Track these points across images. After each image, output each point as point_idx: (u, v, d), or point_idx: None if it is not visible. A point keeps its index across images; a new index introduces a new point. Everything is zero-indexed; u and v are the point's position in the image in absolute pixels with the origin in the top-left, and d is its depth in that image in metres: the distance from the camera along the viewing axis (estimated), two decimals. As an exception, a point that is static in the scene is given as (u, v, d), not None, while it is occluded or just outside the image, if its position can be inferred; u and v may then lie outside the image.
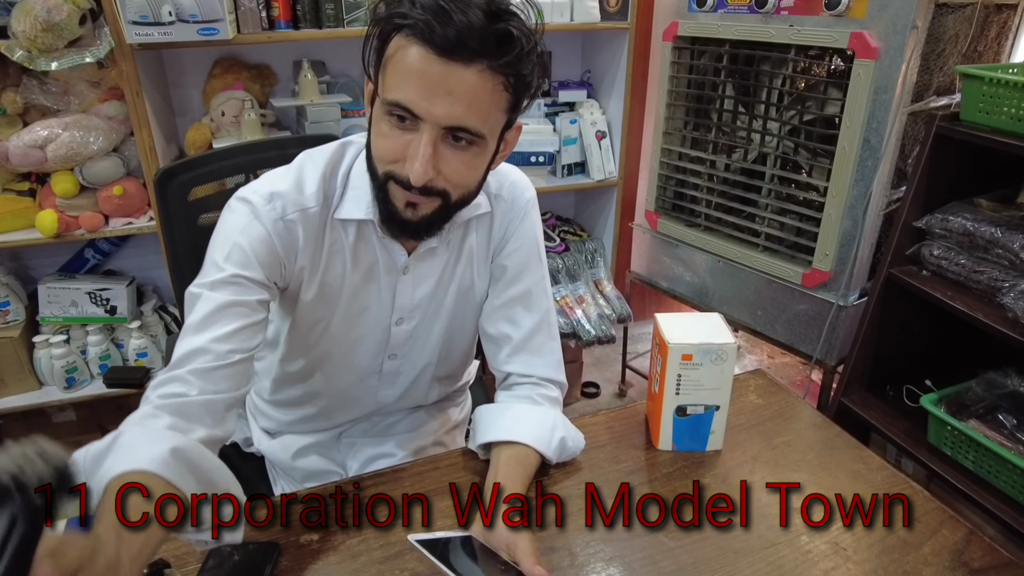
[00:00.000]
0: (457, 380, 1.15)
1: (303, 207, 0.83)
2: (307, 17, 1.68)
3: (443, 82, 0.69)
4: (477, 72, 0.69)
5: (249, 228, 0.81)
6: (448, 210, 0.80)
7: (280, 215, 0.82)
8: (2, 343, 1.79)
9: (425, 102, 0.70)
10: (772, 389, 1.09)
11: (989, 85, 1.31)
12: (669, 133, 1.98)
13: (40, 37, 1.41)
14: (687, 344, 0.86)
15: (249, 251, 0.80)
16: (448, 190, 0.77)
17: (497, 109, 0.74)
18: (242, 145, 1.55)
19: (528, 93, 0.77)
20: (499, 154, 0.83)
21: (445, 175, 0.75)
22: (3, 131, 1.62)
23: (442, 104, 0.70)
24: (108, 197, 1.71)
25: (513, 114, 0.78)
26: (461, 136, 0.73)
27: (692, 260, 2.02)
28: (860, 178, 1.56)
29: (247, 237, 0.81)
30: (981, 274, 1.40)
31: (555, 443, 0.88)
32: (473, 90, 0.70)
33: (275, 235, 0.82)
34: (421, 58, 0.69)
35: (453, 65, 0.69)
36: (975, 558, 0.77)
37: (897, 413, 1.63)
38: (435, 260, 0.92)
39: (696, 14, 1.80)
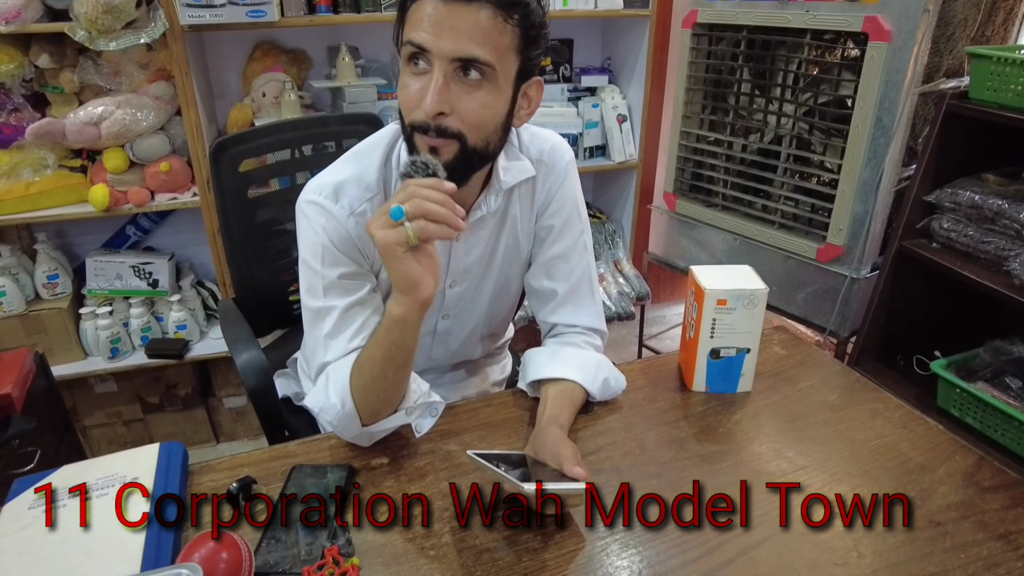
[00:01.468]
0: (500, 337, 1.24)
1: (368, 197, 0.90)
2: (346, 2, 1.76)
3: (448, 19, 0.74)
4: (480, 8, 0.74)
5: (328, 227, 0.89)
6: (468, 156, 0.81)
7: (350, 211, 0.89)
8: (52, 314, 1.87)
9: (432, 36, 0.75)
10: (794, 342, 1.17)
11: (997, 64, 1.39)
12: (688, 117, 2.06)
13: (100, 19, 1.49)
14: (722, 290, 0.95)
15: (337, 249, 0.89)
16: (463, 131, 0.79)
17: (503, 44, 0.77)
18: (288, 122, 1.63)
19: (535, 29, 0.79)
20: (522, 110, 0.86)
21: (459, 113, 0.78)
22: (60, 109, 1.71)
23: (448, 37, 0.74)
24: (155, 173, 1.79)
25: (526, 56, 0.81)
26: (471, 69, 0.76)
27: (709, 240, 2.10)
28: (872, 156, 1.63)
29: (329, 237, 0.89)
30: (988, 244, 1.48)
31: (599, 381, 0.97)
32: (477, 23, 0.75)
33: (351, 230, 0.89)
34: (431, 5, 0.75)
35: (457, 4, 0.74)
36: (985, 478, 0.85)
37: (908, 381, 1.71)
38: (484, 226, 0.98)
39: (714, 2, 1.88)
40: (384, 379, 0.82)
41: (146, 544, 0.71)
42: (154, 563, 0.70)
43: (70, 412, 1.97)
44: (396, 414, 0.86)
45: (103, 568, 0.69)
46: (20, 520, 0.76)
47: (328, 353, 0.89)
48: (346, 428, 0.86)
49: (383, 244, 0.73)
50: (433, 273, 0.76)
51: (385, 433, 0.89)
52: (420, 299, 0.76)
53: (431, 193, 0.72)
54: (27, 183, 1.70)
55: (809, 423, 0.96)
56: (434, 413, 0.91)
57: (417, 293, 0.76)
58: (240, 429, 2.25)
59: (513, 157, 0.96)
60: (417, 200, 0.71)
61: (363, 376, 0.83)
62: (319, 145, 1.52)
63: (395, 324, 0.78)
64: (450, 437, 0.93)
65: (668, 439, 0.93)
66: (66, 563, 0.70)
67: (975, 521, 0.78)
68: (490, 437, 0.93)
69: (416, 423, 0.89)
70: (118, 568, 0.69)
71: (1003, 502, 0.81)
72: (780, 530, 0.77)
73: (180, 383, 2.12)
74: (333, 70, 1.94)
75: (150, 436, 2.16)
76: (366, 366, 0.83)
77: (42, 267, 1.88)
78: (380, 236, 0.73)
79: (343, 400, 0.84)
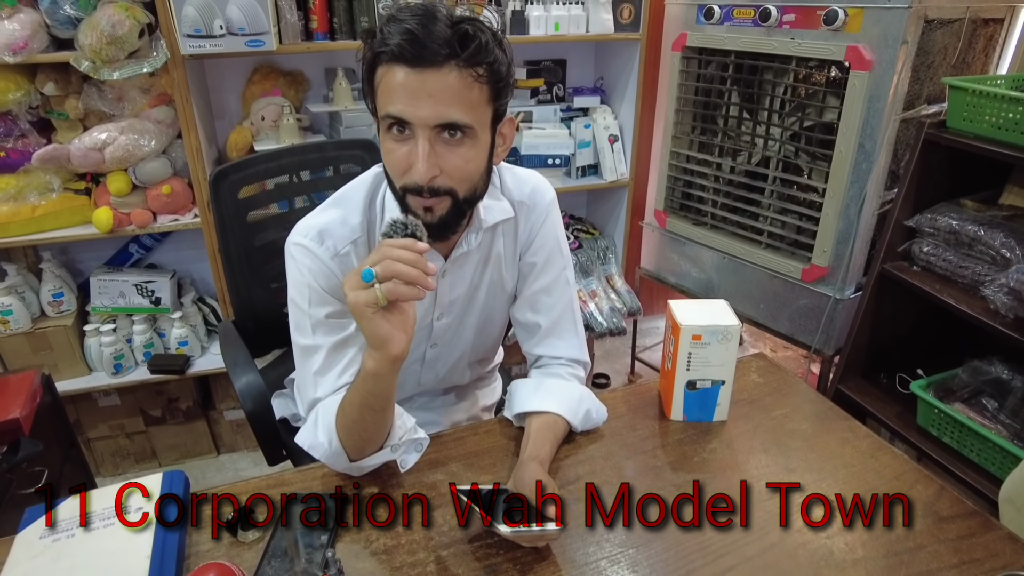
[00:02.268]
0: (489, 362, 1.29)
1: (351, 239, 0.95)
2: (343, 29, 1.81)
3: (422, 88, 0.78)
4: (449, 72, 0.78)
5: (314, 269, 0.93)
6: (460, 207, 0.87)
7: (334, 252, 0.94)
8: (57, 331, 1.93)
9: (411, 108, 0.79)
10: (771, 370, 1.22)
11: (972, 96, 1.44)
12: (678, 137, 2.11)
13: (104, 49, 1.54)
14: (697, 325, 0.99)
15: (323, 290, 0.93)
16: (454, 187, 0.84)
17: (477, 101, 0.82)
18: (285, 148, 1.68)
19: (502, 80, 0.83)
20: (499, 147, 0.91)
21: (447, 172, 0.83)
22: (65, 134, 1.75)
23: (425, 105, 0.79)
24: (157, 195, 1.84)
25: (498, 104, 0.85)
26: (452, 131, 0.81)
27: (699, 257, 2.15)
28: (855, 180, 1.68)
29: (315, 278, 0.93)
30: (966, 269, 1.52)
31: (581, 413, 1.01)
32: (450, 87, 0.79)
33: (335, 271, 0.94)
34: (401, 74, 0.78)
35: (427, 72, 0.78)
36: (944, 508, 0.90)
37: (890, 399, 1.75)
38: (467, 263, 1.03)
39: (704, 26, 1.93)
40: (363, 422, 0.86)
41: (150, 574, 0.76)
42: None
43: (74, 425, 2.02)
44: (382, 451, 0.91)
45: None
46: (32, 548, 0.81)
47: (318, 389, 0.94)
48: (335, 463, 0.91)
49: (353, 304, 0.76)
50: (405, 330, 0.79)
51: (373, 467, 0.93)
52: (390, 355, 0.78)
53: (403, 254, 0.74)
54: (33, 206, 1.75)
55: (781, 451, 1.01)
56: (419, 448, 0.95)
57: (387, 349, 0.78)
58: (240, 440, 2.30)
59: (494, 197, 1.01)
60: (388, 262, 0.74)
61: (346, 417, 0.88)
62: (317, 170, 1.57)
63: (369, 377, 0.81)
64: (436, 467, 0.97)
65: (645, 467, 0.97)
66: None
67: (931, 551, 0.83)
68: (476, 466, 0.98)
69: (401, 459, 0.93)
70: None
71: (959, 531, 0.86)
72: (747, 550, 0.82)
73: (182, 396, 2.17)
74: (330, 92, 1.99)
75: (152, 448, 2.21)
76: (347, 408, 0.87)
77: (47, 285, 1.93)
78: (351, 297, 0.76)
79: (330, 439, 0.88)
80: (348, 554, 0.82)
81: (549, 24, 1.99)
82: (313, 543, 0.82)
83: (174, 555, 0.80)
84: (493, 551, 0.82)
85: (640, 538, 0.85)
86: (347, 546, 0.84)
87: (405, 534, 0.85)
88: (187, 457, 2.26)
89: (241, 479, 2.14)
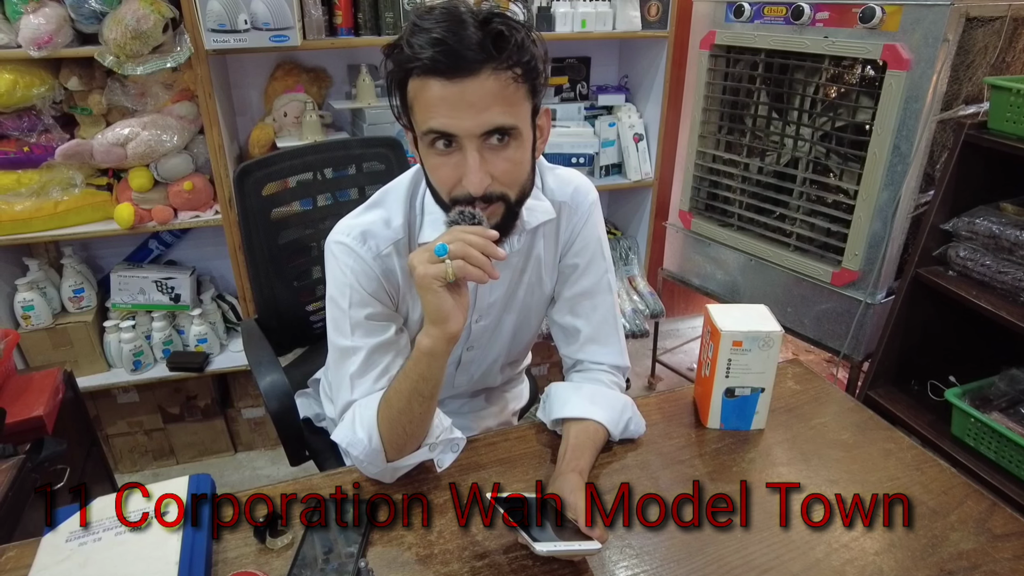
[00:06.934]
0: (519, 364, 1.27)
1: (393, 240, 0.93)
2: (367, 25, 1.79)
3: (462, 98, 0.76)
4: (487, 77, 0.76)
5: (356, 268, 0.92)
6: (512, 211, 0.86)
7: (376, 253, 0.92)
8: (77, 327, 1.92)
9: (455, 120, 0.77)
10: (808, 376, 1.18)
11: (1016, 96, 1.39)
12: (704, 136, 2.07)
13: (129, 44, 1.53)
14: (737, 331, 0.96)
15: (364, 290, 0.92)
16: (506, 191, 0.83)
17: (518, 100, 0.80)
18: (310, 145, 1.66)
19: (539, 75, 0.81)
20: (539, 141, 0.89)
21: (498, 178, 0.81)
22: (88, 130, 1.75)
23: (468, 116, 0.76)
24: (178, 192, 1.83)
25: (536, 99, 0.83)
26: (499, 136, 0.79)
27: (723, 258, 2.11)
28: (890, 182, 1.64)
29: (357, 278, 0.92)
30: (1005, 275, 1.48)
31: (622, 424, 0.99)
32: (490, 93, 0.76)
33: (378, 271, 0.92)
34: (437, 87, 0.76)
35: (466, 81, 0.75)
36: (997, 525, 0.86)
37: (922, 407, 1.71)
38: (508, 265, 1.01)
39: (733, 24, 1.89)
40: (410, 411, 0.85)
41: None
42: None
43: (93, 421, 2.01)
44: (419, 450, 0.89)
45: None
46: (58, 553, 0.79)
47: (355, 392, 0.92)
48: (372, 463, 0.89)
49: (422, 276, 0.77)
50: (463, 310, 0.80)
51: (407, 469, 0.91)
52: (449, 332, 0.80)
53: (475, 239, 0.76)
54: (56, 201, 1.75)
55: (822, 462, 0.97)
56: (455, 449, 0.93)
57: (447, 326, 0.79)
58: (258, 439, 2.29)
59: (536, 198, 0.98)
60: (461, 243, 0.76)
61: (390, 408, 0.86)
62: (340, 168, 1.55)
63: (423, 356, 0.82)
64: (468, 472, 0.95)
65: (682, 478, 0.94)
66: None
67: (986, 571, 0.79)
68: (508, 473, 0.95)
69: (438, 458, 0.91)
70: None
71: (1015, 551, 0.82)
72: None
73: (200, 394, 2.16)
74: (353, 89, 1.97)
75: (170, 445, 2.21)
76: (393, 398, 0.86)
77: (68, 281, 1.93)
78: (421, 269, 0.77)
79: (370, 435, 0.87)
80: (380, 563, 0.80)
81: (576, 21, 1.96)
82: (344, 551, 0.80)
83: (203, 562, 0.78)
84: (529, 563, 0.80)
85: (682, 551, 0.82)
86: (379, 554, 0.82)
87: (439, 543, 0.83)
88: (205, 455, 2.25)
89: (258, 477, 2.15)
